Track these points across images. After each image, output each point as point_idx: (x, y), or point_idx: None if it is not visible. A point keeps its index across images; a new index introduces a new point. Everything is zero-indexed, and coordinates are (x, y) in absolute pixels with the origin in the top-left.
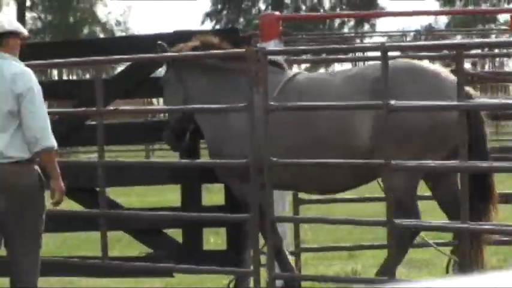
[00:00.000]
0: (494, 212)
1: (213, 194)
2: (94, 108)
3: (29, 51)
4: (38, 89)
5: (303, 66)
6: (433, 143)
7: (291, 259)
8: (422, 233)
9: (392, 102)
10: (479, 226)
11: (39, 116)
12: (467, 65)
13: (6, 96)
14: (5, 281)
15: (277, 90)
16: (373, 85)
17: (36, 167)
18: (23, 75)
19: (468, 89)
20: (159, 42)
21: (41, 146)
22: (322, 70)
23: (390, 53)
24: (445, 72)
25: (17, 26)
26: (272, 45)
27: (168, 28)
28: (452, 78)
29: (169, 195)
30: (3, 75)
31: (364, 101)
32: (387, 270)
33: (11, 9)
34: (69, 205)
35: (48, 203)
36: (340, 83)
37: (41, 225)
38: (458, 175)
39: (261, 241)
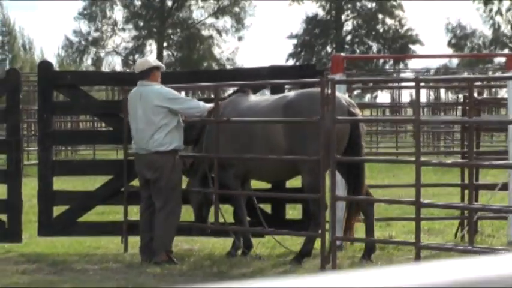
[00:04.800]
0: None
1: (294, 180)
2: (212, 118)
3: (172, 77)
4: (177, 96)
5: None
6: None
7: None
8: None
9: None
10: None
11: (187, 107)
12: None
13: (156, 109)
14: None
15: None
16: (284, 104)
17: (173, 155)
18: (165, 92)
19: (355, 110)
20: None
21: (204, 114)
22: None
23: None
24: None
25: (158, 63)
26: (338, 76)
27: (264, 63)
28: (337, 100)
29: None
30: (153, 95)
31: (278, 116)
32: None
33: (153, 48)
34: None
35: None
36: (266, 103)
37: (174, 192)
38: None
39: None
